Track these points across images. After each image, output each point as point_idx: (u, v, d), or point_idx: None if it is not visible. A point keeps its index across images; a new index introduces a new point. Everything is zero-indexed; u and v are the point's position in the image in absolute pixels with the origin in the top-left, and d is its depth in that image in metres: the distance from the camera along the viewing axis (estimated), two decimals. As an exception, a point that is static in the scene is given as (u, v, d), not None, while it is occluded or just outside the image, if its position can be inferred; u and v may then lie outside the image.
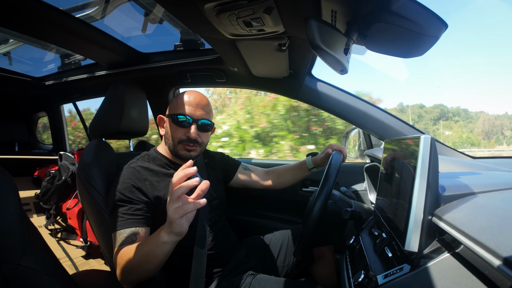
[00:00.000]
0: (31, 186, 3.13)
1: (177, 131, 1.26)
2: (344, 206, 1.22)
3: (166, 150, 1.35)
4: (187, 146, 1.27)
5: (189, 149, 1.27)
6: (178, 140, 1.26)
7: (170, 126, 1.27)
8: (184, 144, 1.26)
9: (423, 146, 0.71)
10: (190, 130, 1.25)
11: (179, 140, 1.26)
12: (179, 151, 1.28)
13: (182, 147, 1.27)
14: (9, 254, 0.74)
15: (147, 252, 0.96)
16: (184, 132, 1.25)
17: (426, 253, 0.67)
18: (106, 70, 2.13)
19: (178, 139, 1.26)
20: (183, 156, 1.28)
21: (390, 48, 1.00)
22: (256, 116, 4.85)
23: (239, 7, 0.94)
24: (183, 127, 1.25)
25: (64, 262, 2.40)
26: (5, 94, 3.00)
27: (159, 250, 0.94)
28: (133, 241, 1.06)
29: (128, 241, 1.06)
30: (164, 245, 0.93)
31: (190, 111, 1.25)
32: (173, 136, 1.27)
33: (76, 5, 1.58)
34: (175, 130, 1.26)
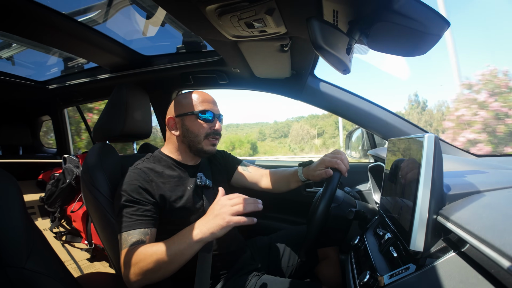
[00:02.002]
0: (36, 189, 3.14)
1: (202, 127, 1.30)
2: (347, 208, 1.21)
3: (172, 151, 1.35)
4: (213, 139, 1.33)
5: (214, 142, 1.34)
6: (204, 135, 1.31)
7: (193, 124, 1.30)
8: (209, 139, 1.32)
9: (427, 145, 0.71)
10: (216, 123, 1.33)
11: (206, 134, 1.31)
12: (205, 146, 1.32)
13: (208, 142, 1.32)
14: (14, 257, 0.75)
15: (175, 252, 0.98)
16: (209, 126, 1.31)
17: (431, 252, 0.67)
18: (109, 73, 2.14)
19: (205, 134, 1.30)
20: (209, 151, 1.33)
21: (392, 47, 1.00)
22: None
23: (240, 8, 0.95)
24: (209, 122, 1.31)
25: (69, 265, 2.41)
26: (9, 98, 3.02)
27: (190, 249, 0.99)
28: (143, 242, 1.07)
29: (139, 242, 1.06)
30: (197, 245, 0.99)
31: (211, 107, 1.32)
32: (198, 132, 1.30)
33: (79, 9, 1.59)
34: (200, 126, 1.30)
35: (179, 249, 0.98)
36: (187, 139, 1.32)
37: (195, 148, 1.32)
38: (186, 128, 1.30)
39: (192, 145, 1.32)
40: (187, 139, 1.31)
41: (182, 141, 1.33)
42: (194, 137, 1.30)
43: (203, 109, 1.30)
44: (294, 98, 1.87)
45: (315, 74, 1.74)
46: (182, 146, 1.34)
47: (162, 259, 0.97)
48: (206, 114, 1.30)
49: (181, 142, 1.34)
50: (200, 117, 1.29)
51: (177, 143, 1.35)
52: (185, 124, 1.30)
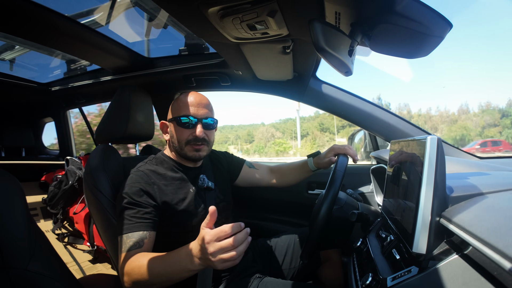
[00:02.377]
0: (38, 191, 3.15)
1: (183, 133, 1.26)
2: (350, 210, 1.21)
3: (173, 153, 1.35)
4: (195, 146, 1.27)
5: (197, 148, 1.28)
6: (185, 142, 1.26)
7: (175, 129, 1.28)
8: (191, 145, 1.27)
9: (430, 147, 0.70)
10: (196, 129, 1.26)
11: (186, 141, 1.26)
12: (188, 152, 1.28)
13: (190, 148, 1.27)
14: (16, 258, 0.75)
15: (171, 272, 0.95)
16: (190, 132, 1.26)
17: (434, 254, 0.67)
18: (111, 75, 2.14)
19: (185, 140, 1.26)
20: (193, 157, 1.29)
21: (394, 49, 0.99)
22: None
23: (242, 10, 0.95)
24: (188, 128, 1.26)
25: (71, 266, 2.41)
26: (12, 100, 3.03)
27: (187, 274, 0.95)
28: (140, 246, 1.06)
29: (136, 246, 1.06)
30: (190, 273, 0.95)
31: (193, 111, 1.26)
32: (179, 138, 1.27)
33: (81, 12, 1.60)
34: (181, 132, 1.27)
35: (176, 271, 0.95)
36: (173, 145, 1.32)
37: (180, 153, 1.31)
38: (171, 134, 1.31)
39: (177, 150, 1.31)
40: (173, 144, 1.31)
41: (171, 146, 1.34)
42: (177, 143, 1.29)
43: (184, 114, 1.26)
44: (296, 100, 1.87)
45: (317, 76, 1.74)
46: (173, 150, 1.35)
47: (158, 275, 0.96)
48: (185, 120, 1.26)
49: (171, 146, 1.34)
50: (180, 123, 1.26)
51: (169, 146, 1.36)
52: (171, 130, 1.31)
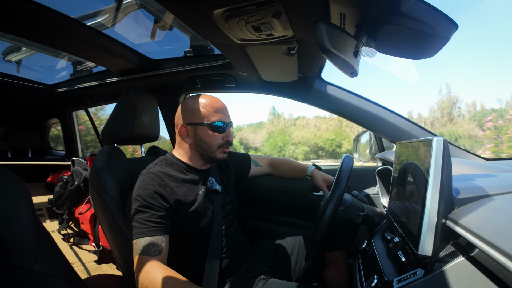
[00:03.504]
0: (44, 191, 3.17)
1: (216, 138, 1.31)
2: (355, 212, 1.21)
3: (183, 156, 1.35)
4: (226, 149, 1.35)
5: (226, 151, 1.36)
6: (218, 146, 1.32)
7: (206, 135, 1.30)
8: (223, 148, 1.34)
9: (436, 148, 0.70)
10: (228, 134, 1.34)
11: (219, 145, 1.32)
12: (217, 155, 1.34)
13: (221, 151, 1.34)
14: (22, 259, 0.75)
15: None
16: (222, 136, 1.32)
17: (440, 257, 0.66)
18: (117, 77, 2.15)
19: (218, 145, 1.32)
20: (221, 159, 1.36)
21: (400, 50, 0.99)
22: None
23: (247, 12, 0.95)
24: (222, 132, 1.32)
25: (76, 266, 2.42)
26: (19, 102, 3.05)
27: None
28: (159, 252, 1.08)
29: (155, 252, 1.07)
30: None
31: (224, 117, 1.32)
32: (212, 143, 1.31)
33: (87, 13, 1.61)
34: (214, 137, 1.31)
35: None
36: (200, 148, 1.32)
37: (207, 156, 1.34)
38: (199, 138, 1.31)
39: (205, 153, 1.33)
40: (200, 148, 1.32)
41: (195, 149, 1.34)
42: (208, 147, 1.32)
43: (216, 119, 1.30)
44: (302, 101, 1.87)
45: (322, 77, 1.74)
46: (194, 153, 1.35)
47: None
48: (219, 125, 1.30)
49: (193, 149, 1.34)
50: (213, 129, 1.30)
51: (188, 149, 1.35)
52: (198, 134, 1.31)
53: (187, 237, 1.26)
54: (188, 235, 1.26)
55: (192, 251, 1.26)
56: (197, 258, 1.25)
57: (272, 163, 1.85)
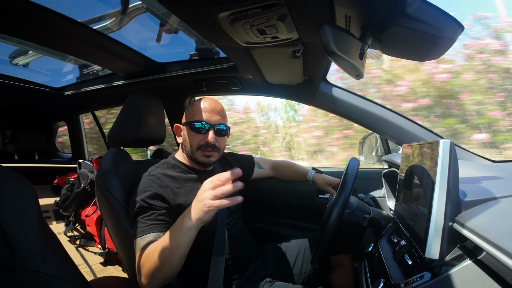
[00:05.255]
0: (51, 193, 3.19)
1: (195, 138, 1.29)
2: (361, 215, 1.20)
3: (184, 157, 1.37)
4: (205, 151, 1.30)
5: (208, 154, 1.31)
6: (196, 147, 1.30)
7: (188, 133, 1.31)
8: (202, 150, 1.30)
9: (443, 150, 0.70)
10: (208, 135, 1.29)
11: (197, 146, 1.30)
12: (198, 157, 1.31)
13: (201, 153, 1.31)
14: (28, 260, 0.76)
15: (171, 244, 0.99)
16: (202, 138, 1.29)
17: (447, 260, 0.66)
18: (123, 80, 2.17)
19: (197, 145, 1.30)
20: (203, 162, 1.32)
21: (405, 52, 0.99)
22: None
23: (253, 15, 0.95)
24: (201, 133, 1.29)
25: (82, 268, 2.43)
26: (26, 105, 3.09)
27: (184, 238, 0.99)
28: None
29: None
30: (189, 232, 0.99)
31: (206, 117, 1.29)
32: (191, 143, 1.30)
33: (94, 17, 1.62)
34: (193, 136, 1.30)
35: (175, 239, 0.99)
36: (184, 148, 1.34)
37: (191, 157, 1.34)
38: (184, 137, 1.33)
39: (188, 154, 1.34)
40: (185, 148, 1.34)
41: (183, 149, 1.36)
42: (188, 147, 1.32)
43: (197, 119, 1.29)
44: (307, 103, 1.86)
45: (327, 79, 1.73)
46: (184, 153, 1.37)
47: (163, 254, 0.99)
48: (199, 125, 1.29)
49: (183, 149, 1.36)
50: (193, 128, 1.29)
51: (181, 150, 1.38)
52: (184, 133, 1.33)
53: None
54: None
55: (197, 252, 1.26)
56: (202, 258, 1.25)
57: (275, 166, 1.85)
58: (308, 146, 5.77)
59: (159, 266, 0.99)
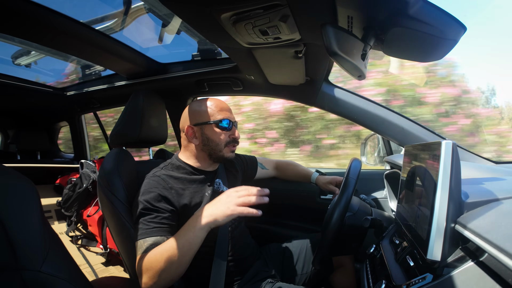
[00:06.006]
0: (53, 193, 3.20)
1: (223, 135, 1.31)
2: (363, 216, 1.20)
3: (189, 158, 1.36)
4: (233, 147, 1.36)
5: (234, 149, 1.38)
6: (225, 143, 1.32)
7: (213, 133, 1.31)
8: (230, 146, 1.34)
9: (445, 151, 0.70)
10: (235, 132, 1.35)
11: (226, 143, 1.32)
12: (225, 153, 1.34)
13: (228, 150, 1.34)
14: (30, 260, 0.76)
15: (182, 243, 1.01)
16: (229, 134, 1.33)
17: (449, 262, 0.66)
18: (125, 81, 2.17)
19: (225, 142, 1.32)
20: (229, 157, 1.36)
21: (408, 53, 0.99)
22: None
23: (255, 16, 0.95)
24: (228, 130, 1.32)
25: (84, 268, 2.43)
26: (28, 105, 3.10)
27: (196, 237, 1.02)
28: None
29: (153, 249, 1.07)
30: (201, 231, 1.02)
31: (229, 115, 1.34)
32: (219, 141, 1.31)
33: (96, 18, 1.63)
34: (220, 135, 1.31)
35: (186, 238, 1.01)
36: (207, 148, 1.33)
37: (215, 155, 1.34)
38: (207, 137, 1.31)
39: (213, 153, 1.33)
40: (208, 147, 1.32)
41: (202, 149, 1.34)
42: (215, 145, 1.31)
43: (222, 118, 1.30)
44: (309, 104, 1.86)
45: (329, 80, 1.73)
46: (202, 153, 1.35)
47: (172, 253, 1.00)
48: (225, 123, 1.30)
49: (201, 150, 1.34)
50: (220, 126, 1.30)
51: (195, 151, 1.35)
52: (205, 133, 1.31)
53: None
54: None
55: (199, 253, 1.26)
56: (204, 260, 1.25)
57: (278, 166, 1.85)
58: None
59: (167, 267, 0.99)
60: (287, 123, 5.05)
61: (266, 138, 5.13)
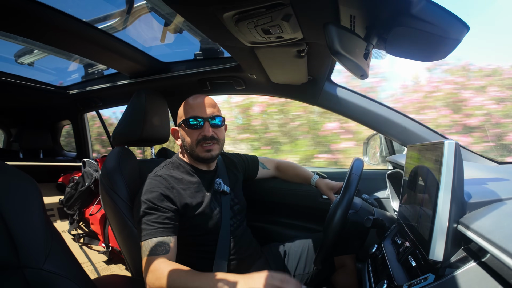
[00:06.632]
0: (55, 192, 3.21)
1: (192, 134, 1.29)
2: (365, 216, 1.20)
3: (187, 157, 1.37)
4: (205, 145, 1.29)
5: (208, 148, 1.30)
6: (196, 142, 1.29)
7: (185, 132, 1.31)
8: (202, 145, 1.29)
9: (447, 151, 0.69)
10: (205, 129, 1.28)
11: (196, 141, 1.29)
12: (199, 153, 1.30)
13: (201, 149, 1.30)
14: (32, 258, 0.76)
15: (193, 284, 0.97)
16: (199, 132, 1.29)
17: (451, 262, 0.65)
18: (128, 79, 2.17)
19: (196, 141, 1.29)
20: (205, 157, 1.31)
21: (410, 52, 0.98)
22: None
23: (257, 15, 0.95)
24: (197, 128, 1.29)
25: (86, 267, 2.44)
26: (31, 103, 3.11)
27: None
28: (167, 251, 1.08)
29: (162, 251, 1.07)
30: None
31: (199, 112, 1.29)
32: (190, 140, 1.30)
33: (99, 17, 1.63)
34: (190, 133, 1.30)
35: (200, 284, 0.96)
36: (185, 148, 1.34)
37: (194, 156, 1.33)
38: (182, 137, 1.33)
39: (190, 152, 1.33)
40: (185, 147, 1.34)
41: (184, 149, 1.36)
42: (188, 146, 1.31)
43: (189, 116, 1.29)
44: (311, 103, 1.86)
45: (332, 79, 1.73)
46: (186, 154, 1.36)
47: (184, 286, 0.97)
48: (193, 121, 1.29)
49: (184, 150, 1.36)
50: (188, 125, 1.29)
51: (184, 151, 1.37)
52: (181, 134, 1.33)
53: (195, 239, 1.27)
54: (196, 236, 1.26)
55: (200, 252, 1.26)
56: (206, 259, 1.25)
57: (279, 167, 1.84)
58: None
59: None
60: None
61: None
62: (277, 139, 4.79)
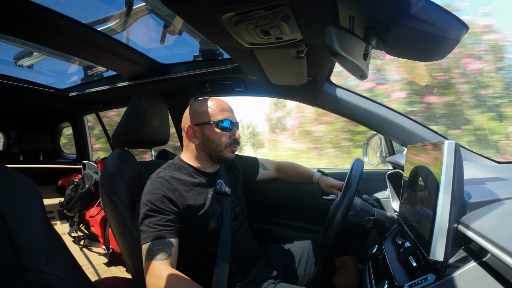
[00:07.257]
0: (55, 194, 3.20)
1: (223, 136, 1.31)
2: (366, 217, 1.20)
3: (190, 159, 1.36)
4: (234, 147, 1.35)
5: (234, 150, 1.36)
6: (225, 144, 1.32)
7: (214, 133, 1.30)
8: (230, 147, 1.33)
9: (447, 151, 0.69)
10: (235, 132, 1.34)
11: (226, 144, 1.32)
12: (226, 154, 1.33)
13: (229, 150, 1.34)
14: (32, 260, 0.76)
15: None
16: (229, 135, 1.32)
17: (451, 262, 0.65)
18: (128, 81, 2.18)
19: (226, 143, 1.31)
20: (229, 158, 1.35)
21: (410, 52, 0.99)
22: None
23: (256, 16, 0.95)
24: (229, 131, 1.32)
25: (86, 269, 2.44)
26: (31, 106, 3.11)
27: None
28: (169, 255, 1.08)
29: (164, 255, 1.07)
30: None
31: (230, 116, 1.33)
32: (219, 141, 1.31)
33: (98, 19, 1.63)
34: (221, 136, 1.30)
35: None
36: (207, 148, 1.32)
37: (216, 156, 1.33)
38: (207, 137, 1.31)
39: (213, 153, 1.33)
40: (208, 148, 1.32)
41: (202, 150, 1.34)
42: (215, 146, 1.31)
43: (222, 118, 1.30)
44: (311, 104, 1.86)
45: (331, 80, 1.73)
46: (202, 154, 1.35)
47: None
48: (225, 124, 1.30)
49: (201, 150, 1.34)
50: (220, 127, 1.30)
51: (196, 151, 1.35)
52: (205, 134, 1.31)
53: (197, 241, 1.27)
54: (197, 238, 1.26)
55: (202, 254, 1.26)
56: (207, 261, 1.25)
57: (279, 167, 1.84)
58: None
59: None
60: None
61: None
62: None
